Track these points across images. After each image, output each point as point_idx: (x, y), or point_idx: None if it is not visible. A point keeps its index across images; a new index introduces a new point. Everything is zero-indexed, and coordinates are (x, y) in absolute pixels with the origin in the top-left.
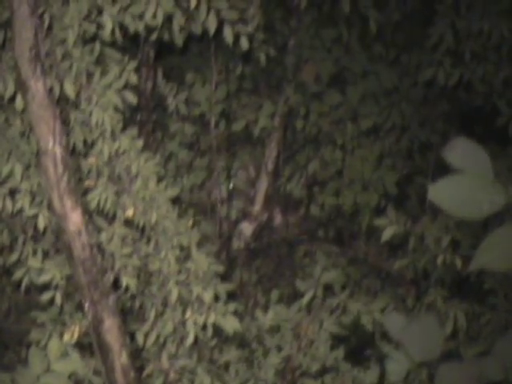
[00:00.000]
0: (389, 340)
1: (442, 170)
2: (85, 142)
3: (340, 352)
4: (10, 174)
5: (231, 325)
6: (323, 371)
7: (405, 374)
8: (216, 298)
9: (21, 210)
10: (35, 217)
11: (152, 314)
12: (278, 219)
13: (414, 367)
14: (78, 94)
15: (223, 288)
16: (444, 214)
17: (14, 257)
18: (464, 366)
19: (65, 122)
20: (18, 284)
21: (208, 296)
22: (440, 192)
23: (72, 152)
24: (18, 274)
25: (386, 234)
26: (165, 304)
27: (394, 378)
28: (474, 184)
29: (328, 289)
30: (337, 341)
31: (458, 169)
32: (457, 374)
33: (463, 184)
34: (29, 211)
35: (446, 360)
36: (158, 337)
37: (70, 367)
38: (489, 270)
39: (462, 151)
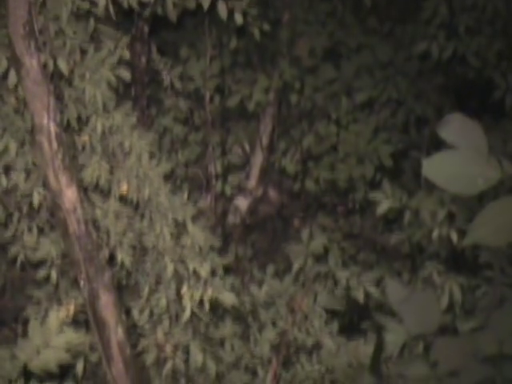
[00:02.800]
0: (384, 312)
1: (438, 143)
2: (79, 118)
3: (334, 326)
4: (5, 151)
5: (228, 299)
6: (318, 346)
7: (401, 345)
8: (213, 272)
9: (15, 187)
10: (30, 193)
11: (146, 290)
12: (273, 194)
13: (411, 339)
14: (71, 71)
15: (220, 262)
16: (440, 188)
17: (8, 233)
18: (459, 340)
19: (59, 99)
20: (13, 261)
21: (204, 271)
22: (434, 167)
23: (66, 128)
24: (13, 251)
25: (381, 208)
26: (160, 280)
27: (390, 349)
28: (468, 159)
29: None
30: (331, 315)
31: (453, 144)
32: (452, 348)
33: (457, 159)
34: (23, 188)
35: (442, 333)
36: (152, 313)
37: (67, 341)
38: (483, 245)
39: (456, 127)
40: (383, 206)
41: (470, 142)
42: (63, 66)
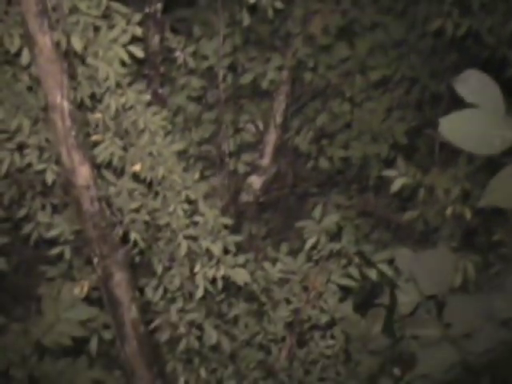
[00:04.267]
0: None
1: None
2: (92, 96)
3: (349, 303)
4: (18, 129)
5: (241, 277)
6: (332, 323)
7: (414, 306)
8: (225, 251)
9: (29, 165)
10: (43, 172)
11: (160, 269)
12: (286, 172)
13: (424, 300)
14: (84, 48)
15: (232, 240)
16: (454, 165)
17: (22, 211)
18: (474, 301)
19: (72, 77)
20: (27, 239)
21: (217, 249)
22: (451, 126)
23: (79, 106)
24: (26, 229)
25: (396, 186)
26: (173, 258)
27: (403, 310)
28: (485, 119)
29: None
30: (345, 292)
31: (469, 101)
32: (466, 309)
33: (475, 118)
34: (37, 166)
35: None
36: (166, 291)
37: (81, 316)
38: (499, 207)
39: (473, 83)
40: (397, 183)
41: (487, 101)
42: (76, 43)
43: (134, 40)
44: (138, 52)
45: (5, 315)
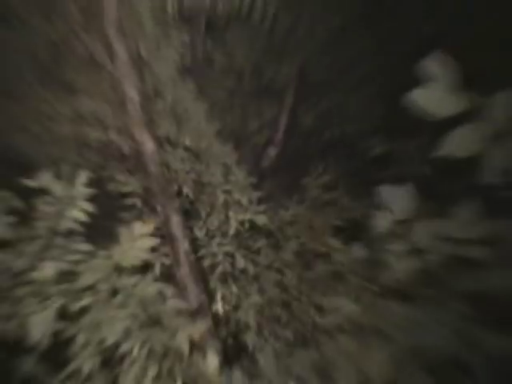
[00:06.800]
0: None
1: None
2: (155, 90)
3: (340, 238)
4: (104, 116)
5: (262, 220)
6: (328, 253)
7: (387, 227)
8: (250, 201)
9: (111, 141)
10: (121, 145)
11: (204, 214)
12: (296, 144)
13: (396, 223)
14: (149, 54)
15: (256, 195)
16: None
17: (107, 173)
18: (435, 224)
19: (140, 75)
20: (110, 193)
21: (245, 200)
22: (421, 95)
23: (146, 98)
24: (110, 186)
25: (376, 151)
26: (213, 207)
27: (379, 230)
28: (445, 90)
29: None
30: (338, 230)
31: (435, 78)
32: (428, 229)
33: (438, 89)
34: (117, 141)
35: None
36: (208, 230)
37: (148, 245)
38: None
39: (438, 64)
40: (377, 150)
41: (448, 76)
42: (143, 50)
43: (183, 46)
44: (187, 57)
45: (93, 244)
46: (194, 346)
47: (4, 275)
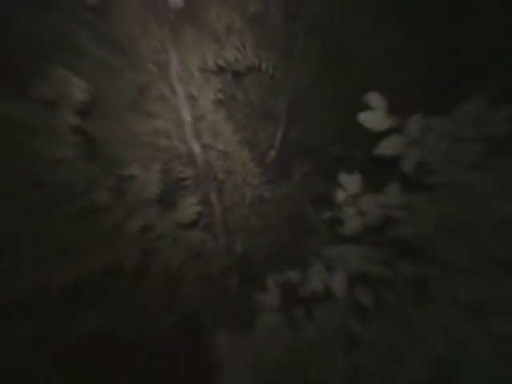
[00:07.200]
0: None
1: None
2: (201, 115)
3: (313, 206)
4: (170, 130)
5: (266, 195)
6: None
7: (345, 198)
8: (259, 183)
9: (174, 146)
10: (180, 148)
11: (230, 189)
12: (286, 149)
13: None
14: (197, 92)
15: (262, 179)
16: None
17: (170, 166)
18: (381, 196)
19: (192, 106)
20: (173, 178)
21: (256, 181)
22: (365, 117)
23: (196, 120)
24: (173, 174)
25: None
26: (235, 186)
27: (339, 201)
28: (378, 115)
29: None
30: (313, 201)
31: (374, 106)
32: (375, 202)
33: (375, 115)
34: (178, 146)
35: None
36: (232, 201)
37: (196, 209)
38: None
39: (375, 98)
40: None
41: (380, 106)
42: (193, 90)
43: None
44: (220, 94)
45: (163, 208)
46: (222, 273)
47: (105, 226)
